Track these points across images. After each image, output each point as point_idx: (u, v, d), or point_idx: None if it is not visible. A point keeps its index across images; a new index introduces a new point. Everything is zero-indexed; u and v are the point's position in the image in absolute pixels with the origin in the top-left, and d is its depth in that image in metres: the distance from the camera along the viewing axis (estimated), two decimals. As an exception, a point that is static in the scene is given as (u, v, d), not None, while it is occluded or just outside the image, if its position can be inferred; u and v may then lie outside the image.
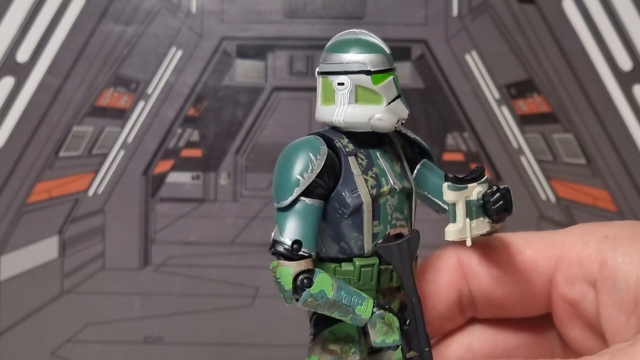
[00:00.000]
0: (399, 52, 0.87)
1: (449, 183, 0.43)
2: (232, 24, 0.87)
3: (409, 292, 0.43)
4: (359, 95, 0.43)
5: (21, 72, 0.86)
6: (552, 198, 0.88)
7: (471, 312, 0.49)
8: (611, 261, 0.43)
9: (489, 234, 0.45)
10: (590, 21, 0.87)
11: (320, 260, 0.44)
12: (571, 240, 0.46)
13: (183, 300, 0.87)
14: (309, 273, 0.41)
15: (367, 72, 0.43)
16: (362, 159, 0.44)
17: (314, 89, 0.45)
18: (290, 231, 0.42)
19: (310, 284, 0.41)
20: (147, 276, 0.88)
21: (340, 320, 0.43)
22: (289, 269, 0.41)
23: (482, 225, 0.44)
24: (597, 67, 0.87)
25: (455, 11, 0.87)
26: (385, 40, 0.44)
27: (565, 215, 0.88)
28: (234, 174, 0.89)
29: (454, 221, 0.43)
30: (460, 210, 0.43)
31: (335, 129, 0.45)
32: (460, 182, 0.43)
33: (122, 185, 0.88)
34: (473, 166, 0.91)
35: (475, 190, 0.44)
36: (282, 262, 0.41)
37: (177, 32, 0.87)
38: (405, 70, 0.87)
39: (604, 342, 0.44)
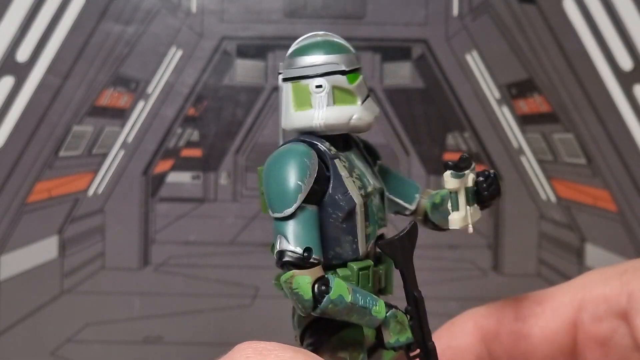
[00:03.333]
0: (399, 52, 0.87)
1: (452, 171, 0.43)
2: (232, 23, 0.87)
3: (412, 286, 0.42)
4: (336, 96, 0.43)
5: (21, 72, 0.86)
6: (553, 198, 0.88)
7: None
8: (639, 290, 0.42)
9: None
10: (590, 21, 0.86)
11: None
12: (591, 281, 0.45)
13: (183, 300, 0.87)
14: (324, 280, 0.40)
15: (343, 72, 0.43)
16: (345, 162, 0.43)
17: (313, 89, 0.45)
18: (299, 239, 0.40)
19: (328, 290, 0.40)
20: (147, 276, 0.88)
21: (346, 326, 0.42)
22: (307, 278, 0.40)
23: (477, 212, 0.44)
24: (597, 67, 0.87)
25: (455, 11, 0.87)
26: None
27: (565, 215, 0.88)
28: (234, 174, 0.89)
29: (457, 209, 0.43)
30: (462, 197, 0.43)
31: (310, 133, 0.44)
32: (460, 169, 0.43)
33: (122, 185, 0.88)
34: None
35: (470, 178, 0.44)
36: (298, 271, 0.40)
37: (177, 31, 0.87)
38: (405, 70, 0.87)
39: None
